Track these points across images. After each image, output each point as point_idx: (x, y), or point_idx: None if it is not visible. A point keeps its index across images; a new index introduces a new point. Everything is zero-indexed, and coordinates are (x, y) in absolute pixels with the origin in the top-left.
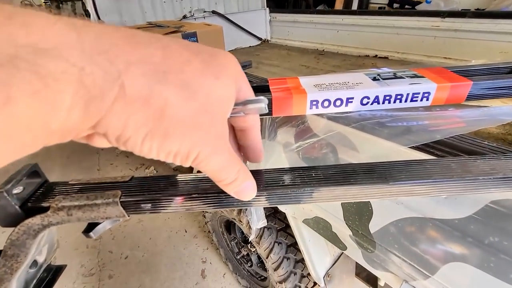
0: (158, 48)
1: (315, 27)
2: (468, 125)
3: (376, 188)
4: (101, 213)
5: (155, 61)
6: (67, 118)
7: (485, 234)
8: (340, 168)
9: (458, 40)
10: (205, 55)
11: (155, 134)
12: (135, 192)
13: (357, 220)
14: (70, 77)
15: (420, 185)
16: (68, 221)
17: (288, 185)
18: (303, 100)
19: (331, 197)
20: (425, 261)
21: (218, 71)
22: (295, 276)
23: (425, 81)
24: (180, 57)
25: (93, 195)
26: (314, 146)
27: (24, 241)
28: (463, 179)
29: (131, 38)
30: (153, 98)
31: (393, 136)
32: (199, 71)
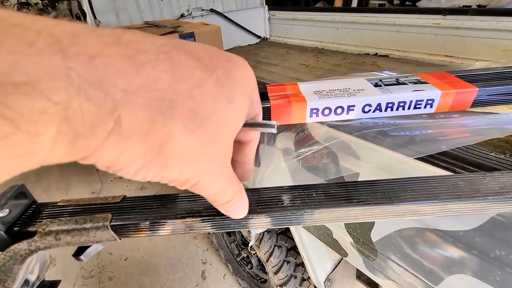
0: (167, 69)
1: (314, 24)
2: (474, 134)
3: (380, 209)
4: (91, 237)
5: (161, 87)
6: (47, 157)
7: (491, 247)
8: (342, 186)
9: (459, 38)
10: (220, 71)
11: (152, 166)
12: (126, 214)
13: (358, 228)
14: (51, 117)
15: (426, 205)
16: (57, 245)
17: (287, 206)
18: (302, 108)
19: (332, 218)
20: (428, 271)
21: (233, 92)
22: (295, 279)
23: (429, 88)
24: (191, 79)
25: (82, 218)
26: (315, 155)
27: (10, 267)
28: (471, 199)
29: (134, 57)
30: (154, 131)
31: (397, 146)
32: (211, 96)
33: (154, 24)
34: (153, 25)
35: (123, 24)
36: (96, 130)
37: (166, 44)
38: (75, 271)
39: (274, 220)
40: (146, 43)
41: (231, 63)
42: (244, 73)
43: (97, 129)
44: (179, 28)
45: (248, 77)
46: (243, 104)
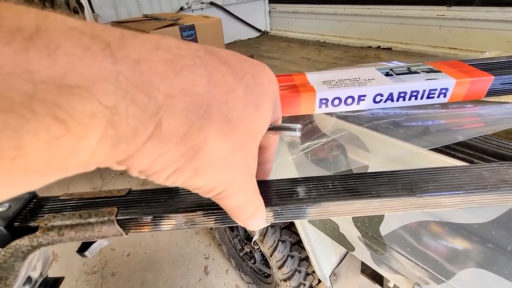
0: (203, 74)
1: (316, 17)
2: (491, 124)
3: (401, 201)
4: (96, 232)
5: (199, 91)
6: (86, 161)
7: (508, 241)
8: (360, 177)
9: (464, 30)
10: (248, 77)
11: (184, 171)
12: (133, 208)
13: (367, 222)
14: (99, 120)
15: (449, 197)
16: (60, 241)
17: (303, 198)
18: (311, 98)
19: (350, 211)
20: (440, 265)
21: (259, 98)
22: (299, 274)
23: (442, 76)
24: (225, 85)
25: (86, 213)
26: (323, 147)
27: (12, 264)
28: (497, 190)
29: (174, 62)
30: (191, 135)
31: (410, 136)
32: (241, 102)
33: (154, 17)
34: (152, 18)
35: (122, 17)
36: (138, 134)
37: (200, 49)
38: (77, 267)
39: (289, 214)
40: (182, 48)
41: (257, 69)
42: (269, 80)
43: (139, 132)
44: (179, 21)
45: (272, 83)
46: (268, 110)
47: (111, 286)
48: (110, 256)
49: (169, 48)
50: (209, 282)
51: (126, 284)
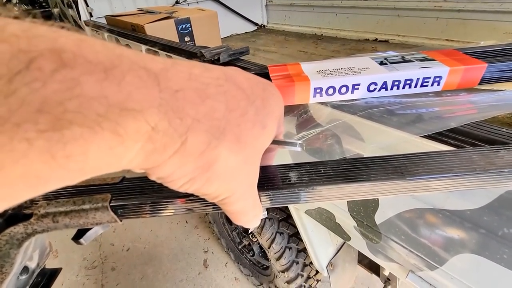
0: (222, 100)
1: (313, 10)
2: (483, 111)
3: (391, 184)
4: (90, 219)
5: (217, 116)
6: (124, 166)
7: (499, 226)
8: (351, 162)
9: (461, 21)
10: (259, 101)
11: (197, 180)
12: (126, 194)
13: (362, 211)
14: (143, 136)
15: (439, 180)
16: (55, 228)
17: (295, 183)
18: (306, 87)
19: (342, 195)
20: (433, 252)
21: (266, 119)
22: (297, 265)
23: (436, 64)
24: (238, 109)
25: (80, 199)
26: (318, 137)
27: (7, 252)
28: (486, 172)
29: (201, 91)
30: (207, 152)
31: (403, 124)
32: (251, 123)
33: (148, 11)
34: (147, 11)
35: (116, 11)
36: (167, 148)
37: (220, 76)
38: (77, 262)
39: (281, 198)
40: (207, 77)
41: (267, 92)
42: (276, 101)
43: (168, 147)
44: (174, 14)
45: (279, 104)
46: (273, 129)
47: (111, 280)
48: (109, 251)
49: (198, 78)
50: (208, 275)
51: (126, 278)
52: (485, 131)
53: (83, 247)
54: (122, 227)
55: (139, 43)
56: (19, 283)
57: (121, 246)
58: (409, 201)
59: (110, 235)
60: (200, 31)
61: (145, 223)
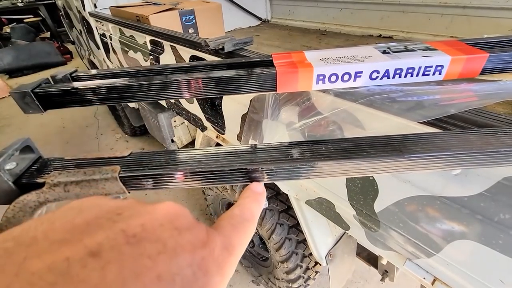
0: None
1: (317, 5)
2: (483, 98)
3: (390, 162)
4: (100, 189)
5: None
6: None
7: (496, 211)
8: (352, 141)
9: (466, 18)
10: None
11: None
12: (135, 167)
13: (361, 200)
14: None
15: (437, 158)
16: (66, 197)
17: (297, 159)
18: (309, 74)
19: (342, 171)
20: (430, 239)
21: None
22: (297, 256)
23: (438, 54)
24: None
25: (91, 170)
26: (319, 124)
27: (20, 219)
28: (483, 151)
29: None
30: None
31: (404, 111)
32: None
33: (153, 2)
34: (152, 3)
35: (120, 2)
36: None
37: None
38: None
39: (284, 173)
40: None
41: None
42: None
43: None
44: (179, 6)
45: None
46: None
47: None
48: None
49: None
50: None
51: None
52: (484, 117)
53: None
54: None
55: (143, 33)
56: None
57: None
58: (408, 189)
59: None
60: (204, 23)
61: None
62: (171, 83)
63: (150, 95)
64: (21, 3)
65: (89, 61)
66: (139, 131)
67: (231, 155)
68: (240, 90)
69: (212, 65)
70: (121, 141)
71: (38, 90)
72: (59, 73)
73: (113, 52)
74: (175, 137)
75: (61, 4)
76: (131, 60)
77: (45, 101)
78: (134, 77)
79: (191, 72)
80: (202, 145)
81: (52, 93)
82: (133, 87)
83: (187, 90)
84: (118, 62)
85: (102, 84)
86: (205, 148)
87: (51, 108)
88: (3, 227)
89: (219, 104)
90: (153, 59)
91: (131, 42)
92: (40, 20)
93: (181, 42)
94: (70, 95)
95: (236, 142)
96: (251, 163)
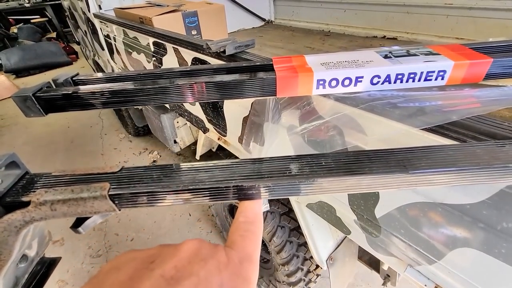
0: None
1: (321, 6)
2: (487, 105)
3: (394, 178)
4: (89, 207)
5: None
6: None
7: (498, 220)
8: (353, 155)
9: (472, 19)
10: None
11: None
12: (125, 184)
13: (362, 205)
14: None
15: (442, 174)
16: (53, 216)
17: (295, 175)
18: (309, 79)
19: (343, 187)
20: (432, 246)
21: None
22: (297, 259)
23: (440, 59)
24: None
25: (78, 188)
26: (320, 128)
27: (5, 239)
28: (490, 167)
29: None
30: None
31: (405, 117)
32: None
33: (157, 4)
34: (156, 4)
35: (125, 3)
36: None
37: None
38: (83, 250)
39: (282, 190)
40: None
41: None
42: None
43: None
44: (182, 7)
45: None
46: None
47: None
48: (114, 240)
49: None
50: None
51: None
52: (487, 125)
53: (89, 236)
54: (127, 218)
55: (146, 35)
56: (18, 271)
57: (125, 236)
58: (410, 195)
59: (115, 225)
60: (207, 24)
61: (149, 214)
62: (172, 87)
63: (150, 99)
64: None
65: (94, 61)
66: (142, 131)
67: (227, 171)
68: (240, 95)
69: (213, 69)
70: (124, 141)
71: (40, 94)
72: (61, 76)
73: (117, 53)
74: (177, 138)
75: (67, 5)
76: (135, 61)
77: (46, 105)
78: (135, 81)
79: (192, 76)
80: (204, 146)
81: (53, 97)
82: (134, 92)
83: (188, 95)
84: (122, 63)
85: (103, 88)
86: (199, 162)
87: (52, 111)
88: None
89: (221, 107)
90: (156, 60)
91: (134, 44)
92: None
93: (183, 44)
94: (71, 99)
95: (237, 144)
96: (247, 180)
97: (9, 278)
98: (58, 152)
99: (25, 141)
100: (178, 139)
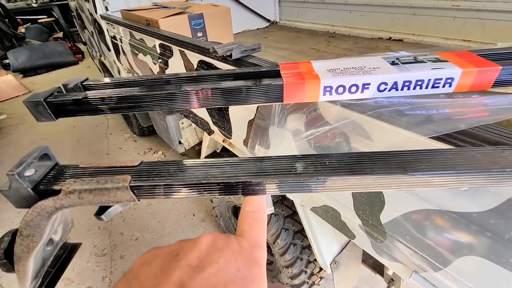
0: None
1: (326, 7)
2: (495, 114)
3: (393, 178)
4: (112, 197)
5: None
6: None
7: (506, 229)
8: (356, 156)
9: (479, 21)
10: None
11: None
12: (144, 177)
13: (367, 210)
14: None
15: (441, 176)
16: (80, 204)
17: (300, 173)
18: (316, 86)
19: (345, 186)
20: (438, 253)
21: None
22: (301, 261)
23: (448, 66)
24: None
25: (103, 179)
26: (326, 134)
27: (38, 222)
28: (488, 171)
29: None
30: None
31: (412, 125)
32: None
33: (163, 6)
34: (162, 6)
35: (131, 5)
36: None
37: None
38: (88, 249)
39: (287, 186)
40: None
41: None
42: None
43: None
44: (188, 9)
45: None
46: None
47: (119, 268)
48: (119, 240)
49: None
50: None
51: None
52: (495, 134)
53: (94, 234)
54: (131, 217)
55: (152, 37)
56: (45, 253)
57: (130, 235)
58: (416, 202)
59: (120, 225)
60: (212, 26)
61: (153, 214)
62: (179, 93)
63: (158, 105)
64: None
65: (100, 62)
66: (147, 131)
67: (237, 167)
68: (247, 101)
69: (219, 75)
70: (129, 141)
71: (51, 99)
72: (71, 81)
73: (123, 54)
74: (182, 138)
75: (74, 5)
76: (141, 62)
77: (57, 110)
78: (143, 86)
79: (198, 82)
80: (209, 148)
81: (64, 102)
82: (142, 97)
83: (195, 100)
84: (128, 64)
85: (112, 94)
86: (211, 159)
87: (63, 116)
88: (22, 229)
89: (226, 109)
90: (162, 62)
91: (140, 45)
92: (54, 20)
93: (189, 47)
94: (82, 104)
95: (242, 147)
96: (256, 177)
97: (38, 259)
98: (65, 152)
99: (31, 140)
100: (183, 140)
